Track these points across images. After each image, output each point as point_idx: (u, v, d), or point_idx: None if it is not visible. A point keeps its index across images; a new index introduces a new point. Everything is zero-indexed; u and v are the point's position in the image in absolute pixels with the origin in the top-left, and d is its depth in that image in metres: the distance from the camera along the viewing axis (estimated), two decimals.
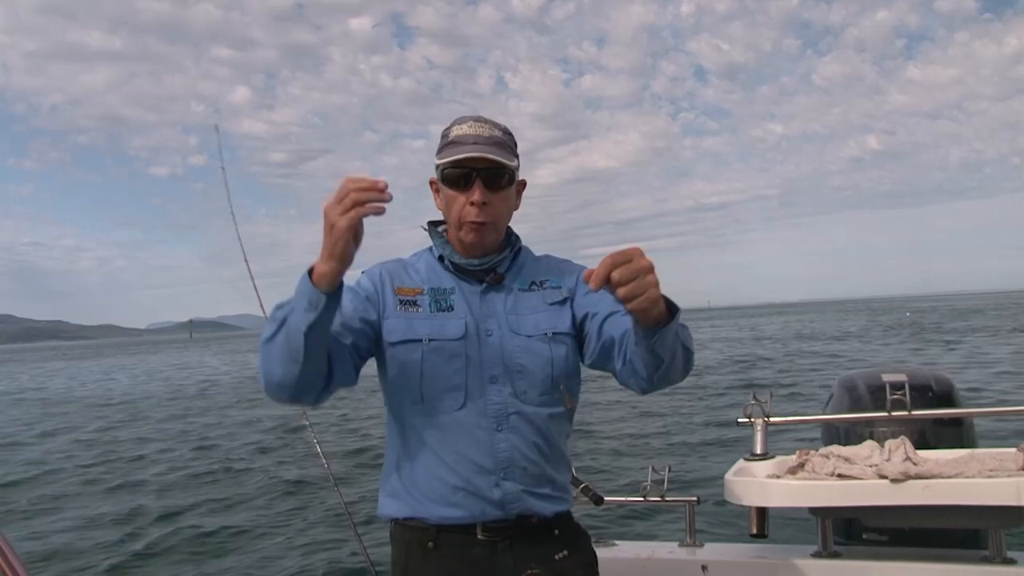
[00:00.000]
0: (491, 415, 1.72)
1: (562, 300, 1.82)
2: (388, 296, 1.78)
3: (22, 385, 37.26)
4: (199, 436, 14.40)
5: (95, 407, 22.27)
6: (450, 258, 1.81)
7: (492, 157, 1.70)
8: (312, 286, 1.48)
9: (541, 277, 1.85)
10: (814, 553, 2.45)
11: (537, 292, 1.83)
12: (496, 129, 1.77)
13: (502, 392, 1.72)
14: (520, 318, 1.78)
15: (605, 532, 2.89)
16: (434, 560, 1.75)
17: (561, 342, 1.78)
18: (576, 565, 1.82)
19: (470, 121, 1.77)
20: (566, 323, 1.80)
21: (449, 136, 1.77)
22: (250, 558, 6.61)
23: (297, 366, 1.54)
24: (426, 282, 1.81)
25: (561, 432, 1.82)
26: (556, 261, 1.91)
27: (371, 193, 1.41)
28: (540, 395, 1.75)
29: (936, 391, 2.72)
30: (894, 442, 2.33)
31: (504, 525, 1.73)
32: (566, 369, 1.79)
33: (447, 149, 1.75)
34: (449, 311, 1.77)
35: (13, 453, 13.73)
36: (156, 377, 36.81)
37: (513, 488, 1.72)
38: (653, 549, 2.64)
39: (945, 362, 20.63)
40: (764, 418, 2.61)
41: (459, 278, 1.81)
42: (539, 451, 1.75)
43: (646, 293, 1.38)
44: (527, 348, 1.75)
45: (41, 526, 8.13)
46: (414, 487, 1.75)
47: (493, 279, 1.81)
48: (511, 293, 1.81)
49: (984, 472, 2.18)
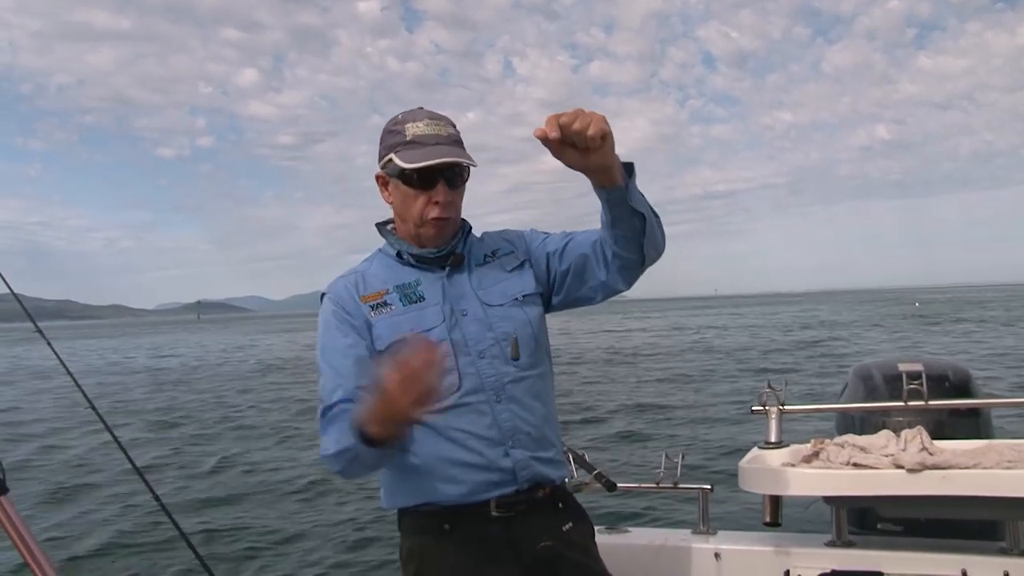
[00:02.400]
0: (488, 389, 1.76)
1: (520, 264, 1.90)
2: (362, 309, 1.81)
3: (119, 359, 37.62)
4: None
5: (239, 376, 23.60)
6: (408, 251, 1.84)
7: (463, 161, 1.75)
8: (381, 450, 1.55)
9: (491, 248, 1.92)
10: (828, 542, 2.44)
11: (493, 262, 1.90)
12: (450, 125, 1.80)
13: (494, 364, 1.78)
14: (488, 291, 1.85)
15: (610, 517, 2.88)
16: (450, 542, 1.76)
17: (532, 303, 1.87)
18: (581, 536, 1.88)
19: (424, 119, 1.78)
20: (531, 285, 1.89)
21: (405, 134, 1.77)
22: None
23: (361, 469, 1.71)
24: (388, 281, 1.84)
25: (551, 392, 1.90)
26: (497, 233, 1.98)
27: (435, 393, 1.43)
28: (529, 357, 1.82)
29: (953, 381, 2.70)
30: (910, 432, 2.31)
31: (516, 499, 1.77)
32: (542, 327, 1.88)
33: (408, 150, 1.75)
34: (421, 302, 1.81)
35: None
36: (240, 351, 37.91)
37: (522, 455, 1.77)
38: (666, 536, 2.64)
39: (956, 351, 20.61)
40: (779, 406, 2.60)
41: (421, 269, 1.85)
42: (538, 415, 1.81)
43: (598, 128, 1.47)
44: (505, 316, 1.82)
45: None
46: (421, 473, 1.76)
47: (454, 261, 1.86)
48: (472, 271, 1.87)
49: (1002, 463, 2.16)
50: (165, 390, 20.71)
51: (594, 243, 1.82)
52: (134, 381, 24.02)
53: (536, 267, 1.91)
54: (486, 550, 1.75)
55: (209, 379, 24.15)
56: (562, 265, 1.88)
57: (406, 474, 1.78)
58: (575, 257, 1.85)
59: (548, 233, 1.97)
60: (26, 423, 15.24)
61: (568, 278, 1.88)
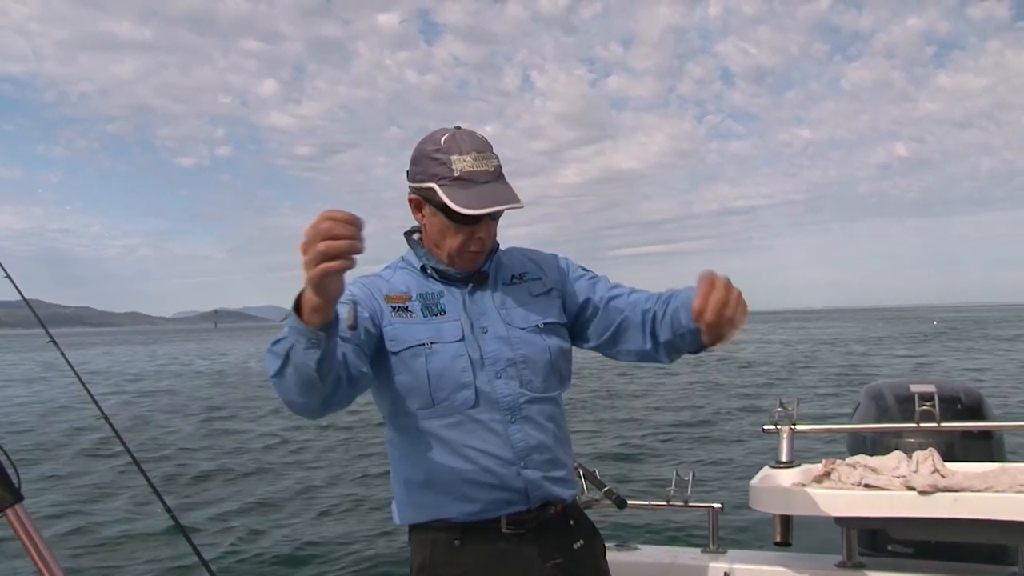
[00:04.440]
0: (503, 408, 1.75)
1: (546, 291, 1.89)
2: (381, 304, 1.77)
3: (164, 363, 37.80)
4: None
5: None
6: (434, 266, 1.83)
7: (516, 207, 1.71)
8: (307, 326, 1.40)
9: (519, 270, 1.90)
10: (838, 563, 2.43)
11: (520, 285, 1.88)
12: (492, 155, 1.74)
13: (510, 384, 1.76)
14: (511, 312, 1.83)
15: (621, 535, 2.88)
16: (460, 558, 1.76)
17: (553, 331, 1.85)
18: (592, 554, 1.87)
19: (471, 152, 1.70)
20: (555, 313, 1.87)
21: (452, 167, 1.69)
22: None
23: (316, 393, 1.51)
24: (412, 289, 1.82)
25: (563, 415, 1.89)
26: (527, 253, 1.97)
27: (342, 245, 1.29)
28: (543, 382, 1.80)
29: (965, 403, 2.69)
30: (922, 453, 2.30)
31: (527, 517, 1.76)
32: (562, 355, 1.86)
33: (456, 188, 1.68)
34: (442, 315, 1.79)
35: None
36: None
37: (534, 475, 1.76)
38: (676, 555, 2.63)
39: (978, 368, 20.41)
40: (791, 426, 2.59)
41: (445, 283, 1.83)
42: (550, 435, 1.81)
43: (741, 320, 1.57)
44: (524, 339, 1.80)
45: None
46: (433, 489, 1.76)
47: (478, 279, 1.85)
48: (497, 290, 1.86)
49: (1015, 487, 2.14)
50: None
51: (644, 312, 1.82)
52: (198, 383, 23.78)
53: (567, 300, 1.90)
54: (496, 567, 1.75)
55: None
56: (600, 319, 1.87)
57: (418, 490, 1.78)
58: (619, 318, 1.85)
59: (588, 271, 1.96)
60: (45, 426, 15.26)
61: (603, 334, 1.88)
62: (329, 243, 1.28)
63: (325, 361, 1.45)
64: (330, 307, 1.39)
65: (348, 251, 1.29)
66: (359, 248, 1.30)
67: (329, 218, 1.29)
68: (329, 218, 1.29)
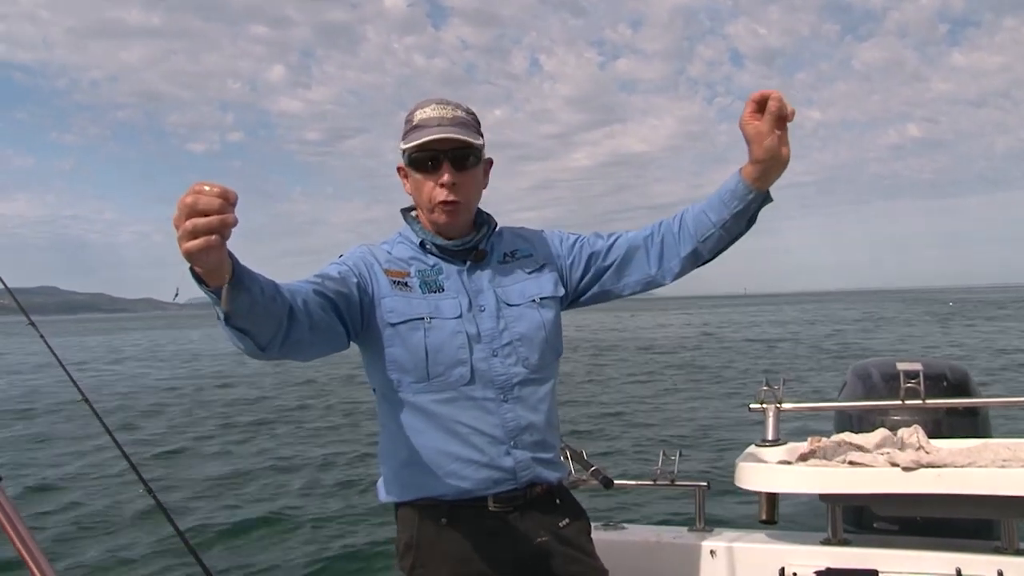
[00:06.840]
0: (497, 386, 1.77)
1: (538, 268, 1.92)
2: (380, 275, 1.79)
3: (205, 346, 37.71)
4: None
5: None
6: (432, 241, 1.84)
7: (458, 137, 1.73)
8: (204, 286, 1.34)
9: (510, 248, 1.93)
10: (824, 540, 2.43)
11: (512, 263, 1.91)
12: (459, 110, 1.80)
13: (505, 363, 1.78)
14: (507, 289, 1.86)
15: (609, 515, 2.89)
16: (447, 535, 1.77)
17: (547, 306, 1.88)
18: (577, 532, 1.90)
19: (433, 104, 1.79)
20: (549, 288, 1.90)
21: (413, 120, 1.79)
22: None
23: (246, 340, 1.46)
24: (410, 264, 1.84)
25: (555, 400, 1.91)
26: (515, 230, 1.99)
27: (211, 221, 1.22)
28: (539, 359, 1.83)
29: (951, 381, 2.69)
30: (907, 431, 2.31)
31: (514, 495, 1.79)
32: (556, 330, 1.89)
33: (412, 133, 1.76)
34: (440, 292, 1.80)
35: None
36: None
37: (523, 456, 1.78)
38: (661, 533, 2.65)
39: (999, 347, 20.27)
40: (777, 404, 2.60)
41: (443, 259, 1.85)
42: (542, 417, 1.83)
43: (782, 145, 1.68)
44: (521, 316, 1.83)
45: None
46: (421, 466, 1.77)
47: (476, 256, 1.86)
48: (492, 268, 1.88)
49: (997, 462, 2.14)
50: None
51: (646, 238, 1.91)
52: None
53: (572, 268, 1.95)
54: (483, 544, 1.77)
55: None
56: (607, 261, 1.93)
57: (406, 467, 1.79)
58: (623, 252, 1.92)
59: (578, 234, 2.00)
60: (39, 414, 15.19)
61: (607, 272, 1.94)
62: (196, 220, 1.21)
63: (234, 316, 1.39)
64: (220, 273, 1.32)
65: (217, 227, 1.22)
66: (229, 222, 1.23)
67: (195, 192, 1.22)
68: (195, 192, 1.22)
